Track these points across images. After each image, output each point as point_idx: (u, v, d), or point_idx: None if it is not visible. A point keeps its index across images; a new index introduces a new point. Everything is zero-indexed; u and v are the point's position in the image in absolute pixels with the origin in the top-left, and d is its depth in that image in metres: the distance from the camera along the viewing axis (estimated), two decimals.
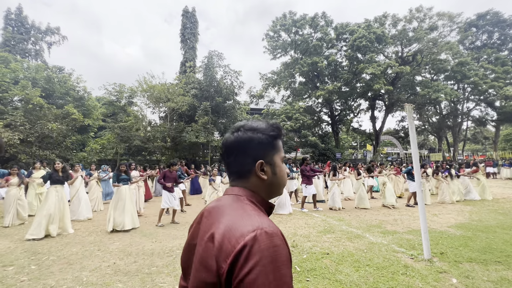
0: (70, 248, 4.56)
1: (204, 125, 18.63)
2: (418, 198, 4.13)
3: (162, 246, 4.62)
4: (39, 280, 3.27)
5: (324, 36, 25.33)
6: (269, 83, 28.22)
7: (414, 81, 26.22)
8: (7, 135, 14.52)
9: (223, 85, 20.32)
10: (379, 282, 3.11)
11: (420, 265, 3.62)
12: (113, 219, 5.67)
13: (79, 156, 18.29)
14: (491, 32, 29.10)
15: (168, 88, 19.09)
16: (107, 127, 20.15)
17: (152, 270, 3.56)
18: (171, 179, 6.59)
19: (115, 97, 19.48)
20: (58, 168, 5.75)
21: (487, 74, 25.33)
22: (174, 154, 19.37)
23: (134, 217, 6.02)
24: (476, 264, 3.66)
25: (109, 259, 4.01)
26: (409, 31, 25.77)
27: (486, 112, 30.44)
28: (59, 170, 5.75)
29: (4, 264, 3.85)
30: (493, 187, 13.37)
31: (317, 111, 29.65)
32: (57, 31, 30.20)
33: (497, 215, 6.96)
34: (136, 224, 5.98)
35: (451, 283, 3.11)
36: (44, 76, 18.16)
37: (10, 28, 27.40)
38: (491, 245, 4.43)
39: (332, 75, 26.84)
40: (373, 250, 4.23)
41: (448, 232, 5.33)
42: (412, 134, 4.25)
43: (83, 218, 6.88)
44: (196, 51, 27.50)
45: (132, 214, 5.95)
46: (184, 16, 27.47)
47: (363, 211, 7.84)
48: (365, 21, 25.50)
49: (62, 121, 17.12)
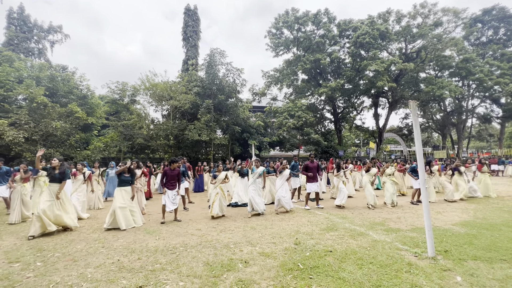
0: (74, 245, 4.61)
1: (207, 123, 18.64)
2: (422, 195, 4.10)
3: (166, 244, 4.64)
4: (45, 277, 3.31)
5: (327, 33, 25.14)
6: (271, 81, 28.13)
7: (418, 78, 25.96)
8: (12, 133, 14.67)
9: (226, 83, 20.28)
10: (382, 279, 3.10)
11: (424, 263, 3.60)
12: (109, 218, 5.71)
13: (83, 154, 18.41)
14: (497, 28, 28.69)
15: (170, 86, 19.10)
16: (111, 125, 20.25)
17: (156, 267, 3.59)
18: (173, 177, 6.58)
19: (118, 95, 19.54)
20: (54, 165, 5.51)
21: (492, 70, 25.02)
22: (177, 152, 19.43)
23: (129, 217, 5.86)
24: (481, 262, 3.63)
25: (113, 256, 4.04)
26: (413, 27, 25.47)
27: (491, 109, 30.14)
28: (55, 168, 5.51)
29: (10, 260, 3.90)
30: (498, 184, 13.25)
31: (319, 109, 29.54)
32: (59, 30, 30.35)
33: (502, 213, 6.89)
34: (130, 225, 5.80)
35: (456, 281, 3.08)
36: (48, 74, 18.25)
37: (13, 27, 27.55)
38: (496, 243, 4.39)
39: (335, 72, 26.69)
40: (377, 248, 4.22)
41: (452, 230, 5.29)
42: (416, 131, 4.20)
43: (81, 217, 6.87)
44: (198, 49, 27.48)
45: (125, 214, 5.79)
46: (186, 14, 27.42)
47: (365, 209, 7.81)
48: (369, 18, 25.27)
49: (66, 119, 17.24)
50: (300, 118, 23.45)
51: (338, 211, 7.56)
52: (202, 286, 3.01)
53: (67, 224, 5.49)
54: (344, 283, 3.03)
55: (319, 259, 3.75)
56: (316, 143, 24.64)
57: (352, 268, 3.43)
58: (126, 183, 6.10)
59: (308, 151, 28.46)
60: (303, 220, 6.33)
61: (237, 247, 4.38)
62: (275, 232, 5.32)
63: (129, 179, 6.15)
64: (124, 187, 6.05)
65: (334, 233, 5.14)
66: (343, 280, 3.10)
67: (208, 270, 3.45)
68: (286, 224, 5.96)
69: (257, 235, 5.13)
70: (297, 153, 27.93)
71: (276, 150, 28.62)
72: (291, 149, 26.71)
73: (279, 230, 5.43)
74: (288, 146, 25.80)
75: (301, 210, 7.64)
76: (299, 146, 27.46)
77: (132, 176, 6.25)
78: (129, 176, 6.17)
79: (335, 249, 4.20)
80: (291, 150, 27.07)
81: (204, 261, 3.78)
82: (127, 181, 6.12)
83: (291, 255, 3.97)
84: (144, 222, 6.26)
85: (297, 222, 6.17)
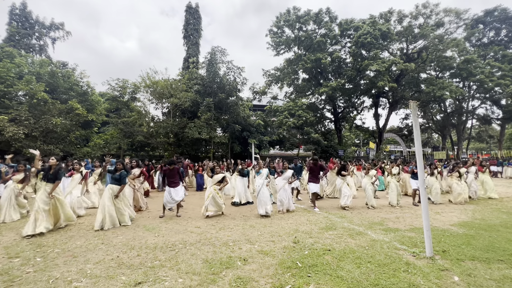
0: (74, 241, 4.62)
1: (207, 121, 18.64)
2: (422, 195, 4.12)
3: (165, 241, 4.66)
4: (44, 272, 3.32)
5: (328, 32, 25.09)
6: (272, 80, 28.10)
7: (419, 78, 25.91)
8: (12, 129, 14.66)
9: (226, 81, 20.26)
10: (380, 279, 3.12)
11: (422, 263, 3.61)
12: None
13: (83, 151, 18.44)
14: (499, 29, 28.60)
15: (171, 84, 19.09)
16: (111, 123, 20.25)
17: (155, 263, 3.60)
18: (173, 175, 6.69)
19: (118, 92, 19.52)
20: (51, 164, 5.33)
21: (493, 71, 24.96)
22: (176, 150, 19.44)
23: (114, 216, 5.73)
24: (479, 262, 3.65)
25: (112, 253, 4.06)
26: (414, 28, 25.40)
27: (491, 111, 30.11)
28: (51, 167, 5.33)
29: (10, 256, 3.91)
30: (497, 186, 13.24)
31: (320, 108, 29.51)
32: (61, 27, 30.30)
33: (500, 214, 6.92)
34: (116, 224, 5.68)
35: (453, 280, 3.10)
36: (48, 71, 18.24)
37: (15, 23, 27.50)
38: (494, 244, 4.41)
39: (336, 72, 26.65)
40: (375, 247, 4.24)
41: (450, 230, 5.31)
42: (416, 132, 4.21)
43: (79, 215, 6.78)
44: (199, 47, 27.45)
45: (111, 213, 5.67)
46: (187, 12, 27.37)
47: (365, 208, 7.83)
48: (370, 17, 25.20)
49: (66, 116, 17.24)
50: (301, 117, 23.44)
51: (337, 210, 7.58)
52: (201, 283, 3.03)
53: (61, 223, 5.48)
54: (342, 281, 3.05)
55: (317, 258, 3.76)
56: (316, 142, 24.64)
57: (350, 267, 3.44)
58: (116, 181, 5.94)
59: (308, 151, 28.48)
60: (302, 219, 6.35)
61: (236, 245, 4.40)
62: (274, 230, 5.34)
63: (117, 177, 5.94)
64: (113, 185, 5.90)
65: (333, 232, 5.15)
66: (341, 278, 3.12)
67: (207, 267, 3.47)
68: (285, 223, 5.98)
69: (256, 233, 5.15)
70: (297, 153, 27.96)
71: (276, 149, 28.66)
72: (291, 148, 26.72)
73: (278, 229, 5.45)
74: (288, 145, 25.81)
75: (300, 209, 7.66)
76: (299, 145, 27.46)
77: (121, 175, 5.97)
78: (117, 175, 5.95)
79: (333, 248, 4.22)
80: (291, 149, 27.09)
81: (203, 258, 3.79)
82: (116, 179, 5.94)
83: (289, 253, 3.98)
84: (132, 219, 6.15)
85: (296, 221, 6.19)
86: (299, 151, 29.23)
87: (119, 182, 5.93)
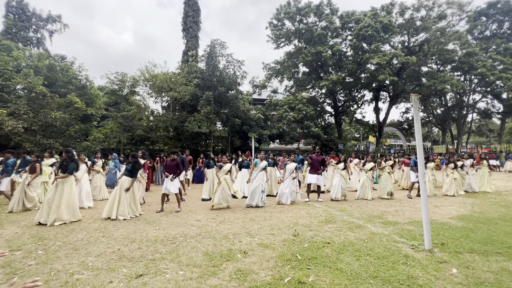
0: (75, 234, 4.65)
1: (207, 115, 18.55)
2: (421, 189, 4.13)
3: (166, 234, 4.69)
4: (46, 265, 3.35)
5: (329, 24, 24.76)
6: (272, 73, 27.86)
7: (420, 72, 25.71)
8: (11, 123, 14.60)
9: (226, 74, 20.09)
10: (379, 271, 3.15)
11: (420, 255, 3.65)
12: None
13: (82, 145, 18.38)
14: (502, 22, 28.26)
15: (170, 77, 18.93)
16: (110, 117, 20.16)
17: (156, 256, 3.63)
18: (172, 166, 6.85)
19: (117, 86, 19.36)
20: (64, 158, 5.77)
21: (495, 65, 24.76)
22: (176, 144, 19.41)
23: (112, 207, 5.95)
24: (477, 255, 3.68)
25: (113, 245, 4.08)
26: (416, 20, 25.07)
27: (492, 104, 30.02)
28: (64, 160, 5.74)
29: (12, 248, 3.94)
30: (496, 179, 13.31)
31: (320, 102, 29.37)
32: (58, 19, 29.85)
33: (499, 208, 6.96)
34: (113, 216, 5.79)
35: (451, 273, 3.13)
36: (47, 64, 18.03)
37: (12, 15, 27.10)
38: (492, 237, 4.44)
39: (336, 65, 26.41)
40: (374, 240, 4.27)
41: (449, 223, 5.35)
42: (417, 125, 4.19)
43: (82, 206, 6.90)
44: (198, 40, 27.12)
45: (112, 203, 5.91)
46: (186, 4, 26.95)
47: (364, 202, 7.87)
48: (372, 9, 24.86)
49: (65, 110, 17.13)
50: (301, 111, 23.33)
51: (336, 204, 7.63)
52: (201, 275, 3.06)
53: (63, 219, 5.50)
54: (342, 273, 3.08)
55: (317, 250, 3.80)
56: (316, 136, 24.61)
57: (350, 260, 3.47)
58: (129, 173, 6.12)
59: (308, 144, 28.48)
60: (302, 212, 6.38)
61: (236, 238, 4.43)
62: (274, 223, 5.37)
63: (129, 168, 6.12)
64: (125, 177, 6.09)
65: (333, 225, 5.19)
66: (340, 271, 3.15)
67: (208, 260, 3.50)
68: (285, 216, 6.01)
69: (256, 226, 5.18)
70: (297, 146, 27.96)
71: (276, 143, 28.64)
72: (291, 142, 26.69)
73: (278, 222, 5.48)
74: (288, 139, 25.77)
75: (300, 203, 7.70)
76: (299, 139, 27.44)
77: (133, 167, 6.13)
78: (129, 166, 6.15)
79: (333, 240, 4.25)
80: (291, 143, 27.06)
81: (203, 251, 3.82)
82: (129, 171, 6.12)
83: (289, 246, 4.01)
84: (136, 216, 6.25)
85: (296, 214, 6.23)
86: (299, 144, 29.23)
87: (131, 174, 6.09)
